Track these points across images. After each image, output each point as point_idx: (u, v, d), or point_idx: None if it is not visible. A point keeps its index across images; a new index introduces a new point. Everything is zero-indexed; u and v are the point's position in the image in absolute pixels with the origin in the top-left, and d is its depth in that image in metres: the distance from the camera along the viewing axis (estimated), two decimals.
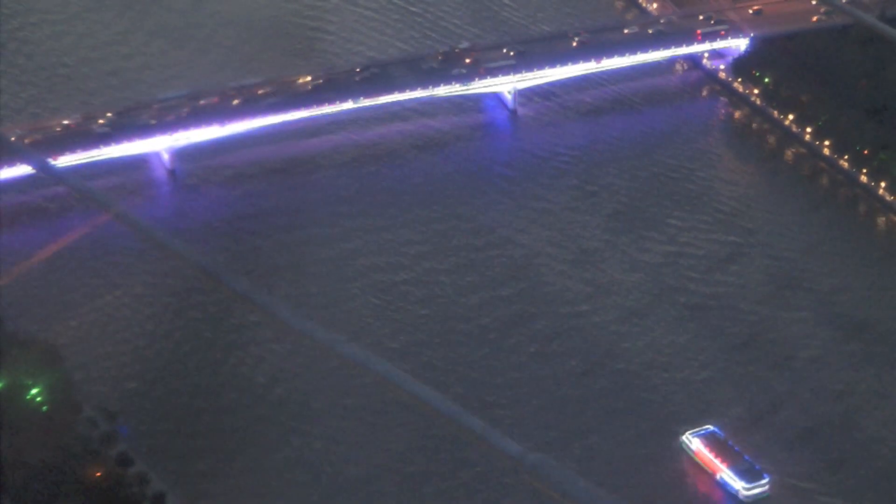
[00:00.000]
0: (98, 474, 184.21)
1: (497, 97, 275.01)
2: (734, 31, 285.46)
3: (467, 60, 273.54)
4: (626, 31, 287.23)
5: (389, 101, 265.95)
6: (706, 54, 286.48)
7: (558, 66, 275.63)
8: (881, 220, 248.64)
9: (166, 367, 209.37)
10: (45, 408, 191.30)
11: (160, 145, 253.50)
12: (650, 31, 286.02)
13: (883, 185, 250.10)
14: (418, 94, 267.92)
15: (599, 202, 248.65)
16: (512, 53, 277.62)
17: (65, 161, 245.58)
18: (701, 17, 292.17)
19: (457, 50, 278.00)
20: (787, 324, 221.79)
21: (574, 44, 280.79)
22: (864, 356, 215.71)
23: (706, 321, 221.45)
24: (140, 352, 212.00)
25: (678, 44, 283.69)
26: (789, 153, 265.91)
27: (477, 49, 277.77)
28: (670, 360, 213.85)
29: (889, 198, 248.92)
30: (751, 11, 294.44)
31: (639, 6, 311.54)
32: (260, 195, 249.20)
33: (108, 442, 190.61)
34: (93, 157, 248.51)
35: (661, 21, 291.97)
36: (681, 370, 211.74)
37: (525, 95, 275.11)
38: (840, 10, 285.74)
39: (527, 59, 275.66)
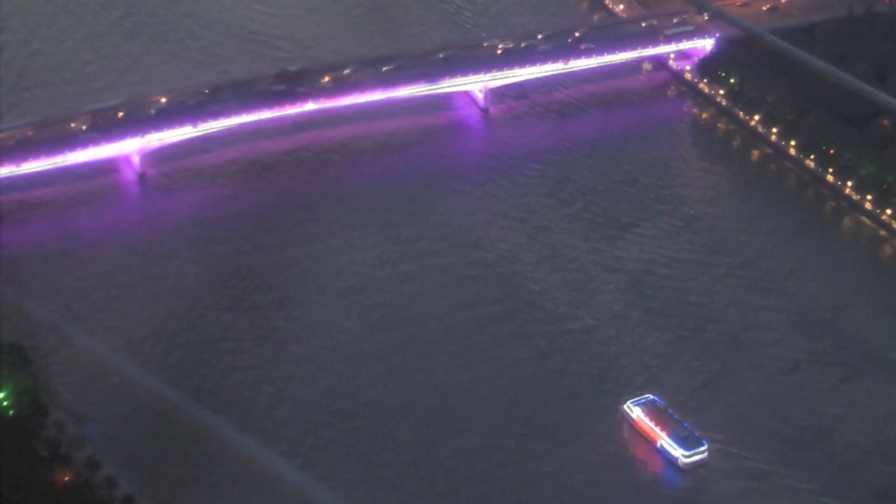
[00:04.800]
0: (66, 479, 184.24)
1: (469, 96, 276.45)
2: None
3: (325, 79, 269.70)
4: (500, 46, 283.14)
5: (363, 100, 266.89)
6: (672, 55, 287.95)
7: (528, 65, 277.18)
8: (847, 219, 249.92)
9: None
10: (11, 412, 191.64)
11: (131, 148, 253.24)
12: (523, 45, 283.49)
13: (849, 184, 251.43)
14: (389, 92, 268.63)
15: (569, 202, 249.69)
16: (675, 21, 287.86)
17: (29, 167, 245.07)
18: (675, 20, 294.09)
19: (289, 71, 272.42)
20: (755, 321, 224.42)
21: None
22: (826, 355, 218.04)
23: (675, 319, 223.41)
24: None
25: (644, 44, 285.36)
26: (756, 153, 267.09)
27: (310, 70, 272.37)
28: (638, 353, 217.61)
29: (855, 197, 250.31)
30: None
31: (605, 7, 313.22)
32: (229, 199, 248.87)
33: (76, 446, 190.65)
34: (57, 162, 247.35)
35: (539, 36, 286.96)
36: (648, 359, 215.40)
37: (497, 94, 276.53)
38: (729, 22, 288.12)
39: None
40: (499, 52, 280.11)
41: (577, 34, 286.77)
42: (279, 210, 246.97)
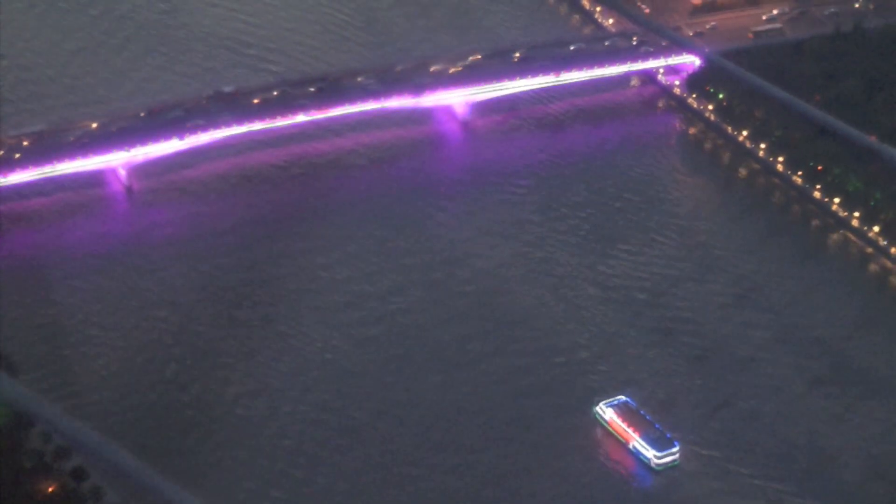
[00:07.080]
0: (51, 489, 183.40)
1: (451, 109, 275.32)
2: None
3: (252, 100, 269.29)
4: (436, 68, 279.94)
5: (345, 112, 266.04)
6: (661, 70, 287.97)
7: (517, 78, 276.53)
8: (834, 235, 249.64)
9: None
10: None
11: (117, 161, 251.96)
12: (469, 60, 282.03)
13: (837, 201, 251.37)
14: (371, 105, 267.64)
15: (555, 218, 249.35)
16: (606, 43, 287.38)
17: (16, 178, 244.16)
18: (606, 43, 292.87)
19: (223, 92, 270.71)
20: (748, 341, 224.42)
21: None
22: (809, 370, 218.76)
23: (668, 334, 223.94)
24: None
25: (634, 59, 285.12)
26: (743, 169, 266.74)
27: (242, 91, 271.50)
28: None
29: (843, 213, 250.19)
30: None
31: (594, 21, 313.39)
32: (215, 213, 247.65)
33: (61, 456, 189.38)
34: (45, 173, 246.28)
35: (478, 56, 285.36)
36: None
37: (480, 108, 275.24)
38: (679, 45, 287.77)
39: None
40: (450, 71, 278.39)
41: (517, 54, 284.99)
42: (265, 225, 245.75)
